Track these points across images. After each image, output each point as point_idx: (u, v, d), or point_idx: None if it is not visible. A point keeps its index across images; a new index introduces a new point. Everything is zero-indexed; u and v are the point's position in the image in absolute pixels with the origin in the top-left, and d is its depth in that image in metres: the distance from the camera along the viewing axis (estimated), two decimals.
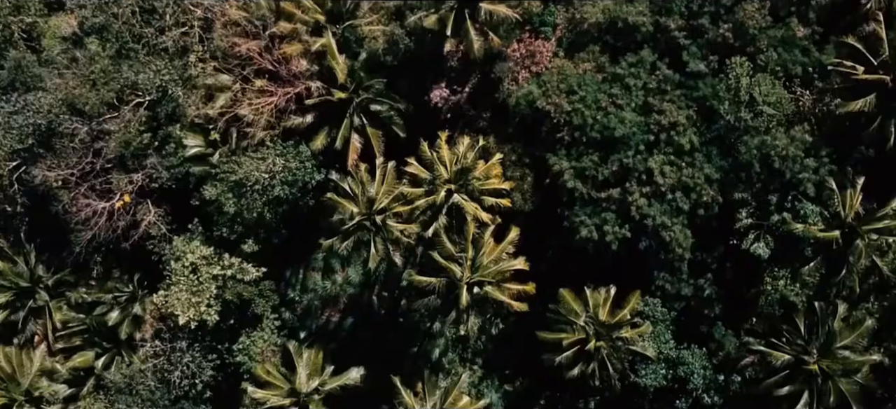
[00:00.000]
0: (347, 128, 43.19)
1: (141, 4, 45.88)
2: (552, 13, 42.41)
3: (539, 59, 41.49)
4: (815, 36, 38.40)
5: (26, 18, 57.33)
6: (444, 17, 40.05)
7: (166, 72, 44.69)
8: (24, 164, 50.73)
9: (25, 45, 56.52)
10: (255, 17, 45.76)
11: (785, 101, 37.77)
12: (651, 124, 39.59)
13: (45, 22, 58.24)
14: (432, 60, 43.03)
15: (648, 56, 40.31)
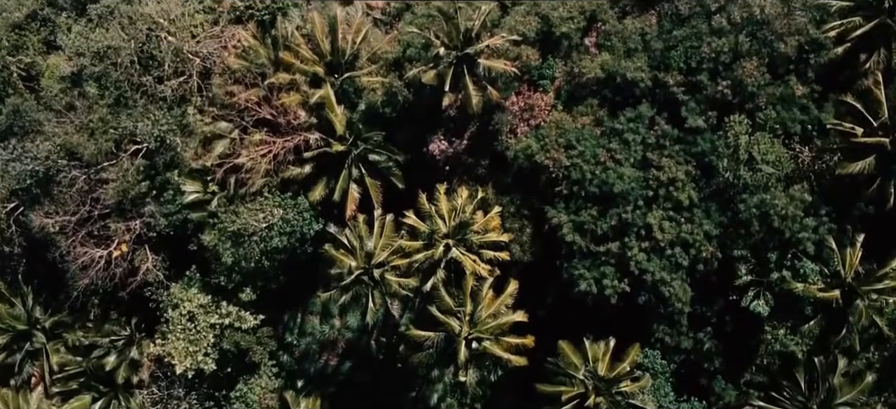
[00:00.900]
0: (346, 179, 43.12)
1: (140, 54, 45.89)
2: (550, 66, 42.36)
3: (537, 113, 41.43)
4: (813, 94, 38.35)
5: (25, 58, 57.40)
6: (443, 72, 40.03)
7: (165, 122, 44.66)
8: (21, 205, 50.80)
9: (24, 86, 56.64)
10: (254, 65, 45.82)
11: (784, 159, 37.69)
12: (650, 180, 39.50)
13: (43, 60, 58.31)
14: (431, 111, 42.95)
15: (647, 111, 40.24)
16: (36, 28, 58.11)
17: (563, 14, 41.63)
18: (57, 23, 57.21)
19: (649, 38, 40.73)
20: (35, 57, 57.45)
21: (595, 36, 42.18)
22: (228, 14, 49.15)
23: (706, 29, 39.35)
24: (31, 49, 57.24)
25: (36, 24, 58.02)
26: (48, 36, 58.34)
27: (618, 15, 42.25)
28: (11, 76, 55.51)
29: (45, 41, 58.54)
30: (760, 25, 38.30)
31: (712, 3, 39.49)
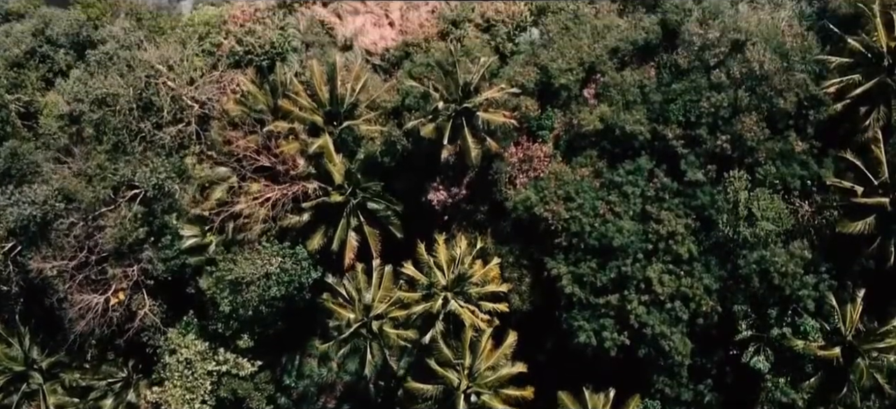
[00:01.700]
0: (344, 229, 42.99)
1: (139, 100, 45.82)
2: (549, 117, 42.28)
3: (537, 164, 41.29)
4: (813, 150, 38.21)
5: (24, 96, 57.33)
6: (441, 126, 39.92)
7: (163, 169, 44.52)
8: (19, 245, 50.61)
9: (23, 124, 56.54)
10: (253, 111, 45.75)
11: (784, 215, 37.53)
12: (649, 233, 39.32)
13: (42, 96, 58.23)
14: (429, 160, 42.79)
15: (646, 164, 40.11)
16: (35, 65, 58.20)
17: (562, 65, 41.53)
18: (55, 59, 57.31)
19: (648, 90, 40.65)
20: (33, 94, 57.50)
21: (594, 87, 42.08)
22: (228, 58, 49.18)
23: (705, 83, 39.25)
24: (29, 87, 57.27)
25: (35, 61, 58.13)
26: (47, 73, 58.55)
27: (616, 66, 42.17)
28: (10, 115, 55.46)
29: (43, 78, 58.67)
30: (759, 81, 38.18)
31: (711, 57, 39.35)
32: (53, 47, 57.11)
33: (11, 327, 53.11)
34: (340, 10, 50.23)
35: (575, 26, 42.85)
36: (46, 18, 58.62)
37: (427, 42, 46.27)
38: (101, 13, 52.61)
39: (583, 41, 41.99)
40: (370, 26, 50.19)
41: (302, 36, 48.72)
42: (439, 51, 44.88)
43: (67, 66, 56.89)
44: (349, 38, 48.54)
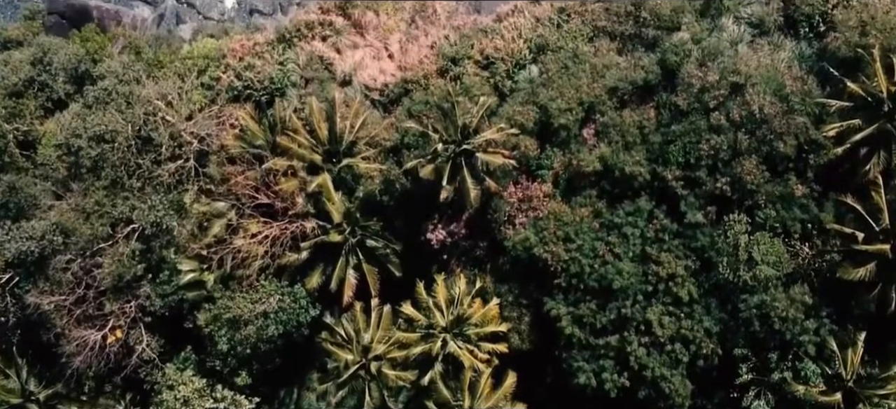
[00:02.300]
0: (343, 268, 42.80)
1: (137, 136, 45.70)
2: (549, 157, 42.12)
3: (536, 204, 41.11)
4: (813, 194, 38.04)
5: (22, 126, 57.22)
6: (440, 167, 39.77)
7: (161, 207, 44.39)
8: (16, 276, 50.43)
9: (21, 153, 56.42)
10: (251, 147, 45.64)
11: (784, 260, 37.36)
12: (649, 274, 39.15)
13: (41, 124, 58.11)
14: (428, 198, 42.61)
15: (646, 205, 39.94)
16: (33, 93, 58.13)
17: (561, 105, 41.40)
18: (54, 87, 57.22)
19: (647, 131, 40.53)
20: (32, 123, 57.40)
21: (593, 127, 41.95)
22: (226, 93, 49.10)
23: (704, 125, 39.12)
24: (27, 116, 57.17)
25: (33, 89, 58.06)
26: (45, 101, 58.47)
27: (616, 105, 42.02)
28: (8, 145, 55.35)
29: (42, 106, 58.58)
30: (759, 124, 38.04)
31: (710, 99, 39.22)
32: (52, 76, 57.14)
33: (9, 358, 52.88)
34: (339, 45, 50.16)
35: (574, 65, 42.74)
36: (45, 47, 58.63)
37: (426, 79, 46.16)
38: (99, 47, 52.53)
39: (582, 81, 41.87)
40: (369, 60, 50.11)
41: (301, 71, 48.62)
42: (438, 89, 44.77)
43: (66, 95, 56.92)
44: (348, 72, 48.42)
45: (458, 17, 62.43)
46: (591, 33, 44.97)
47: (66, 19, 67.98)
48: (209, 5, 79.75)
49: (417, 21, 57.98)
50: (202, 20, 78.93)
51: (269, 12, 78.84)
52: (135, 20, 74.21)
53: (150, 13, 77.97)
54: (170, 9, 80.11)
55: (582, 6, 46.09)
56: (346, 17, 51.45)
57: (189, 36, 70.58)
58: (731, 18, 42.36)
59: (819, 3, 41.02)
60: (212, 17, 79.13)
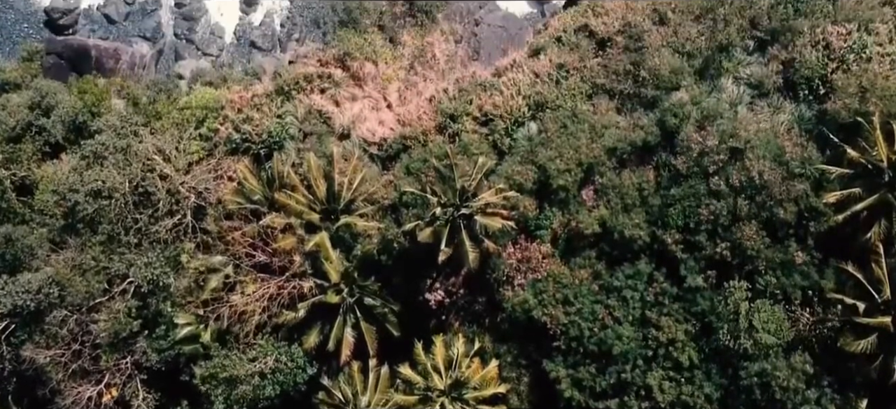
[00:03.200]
0: (340, 328, 42.44)
1: (134, 192, 45.45)
2: (548, 217, 41.89)
3: (535, 265, 40.86)
4: (814, 261, 37.81)
5: (19, 171, 57.03)
6: (439, 230, 39.52)
7: (158, 264, 44.12)
8: (13, 324, 50.10)
9: (18, 200, 56.20)
10: (249, 202, 45.43)
11: (785, 327, 37.06)
12: (649, 339, 38.88)
13: (38, 166, 57.89)
14: (427, 257, 42.35)
15: (645, 268, 39.69)
16: (31, 137, 57.97)
17: (560, 166, 41.17)
18: (51, 131, 57.06)
19: (647, 193, 40.32)
20: (30, 167, 57.21)
21: (592, 188, 41.75)
22: (224, 145, 48.95)
23: (704, 189, 38.91)
24: (25, 161, 56.98)
25: (31, 133, 57.92)
26: (43, 145, 58.32)
27: (615, 165, 41.82)
28: (5, 192, 55.14)
29: (39, 149, 58.41)
30: (759, 190, 37.86)
31: (710, 163, 39.01)
32: (51, 121, 57.00)
33: (4, 407, 52.72)
34: (338, 97, 50.04)
35: (573, 125, 42.56)
36: (43, 91, 58.56)
37: (425, 135, 46.00)
38: (97, 99, 52.37)
39: (581, 141, 41.69)
40: (368, 111, 49.97)
41: (299, 124, 48.47)
42: (437, 146, 44.59)
43: (64, 139, 56.74)
44: (346, 126, 48.27)
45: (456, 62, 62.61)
46: (589, 90, 44.82)
47: (64, 59, 67.89)
48: (208, 42, 79.79)
49: (416, 67, 57.98)
50: (201, 56, 79.01)
51: (268, 48, 78.90)
52: (133, 57, 74.16)
53: (149, 49, 77.99)
54: (169, 44, 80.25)
55: (581, 62, 45.96)
56: (345, 69, 51.35)
57: (188, 77, 70.61)
58: (730, 79, 42.22)
59: (818, 66, 40.87)
60: (211, 53, 79.19)
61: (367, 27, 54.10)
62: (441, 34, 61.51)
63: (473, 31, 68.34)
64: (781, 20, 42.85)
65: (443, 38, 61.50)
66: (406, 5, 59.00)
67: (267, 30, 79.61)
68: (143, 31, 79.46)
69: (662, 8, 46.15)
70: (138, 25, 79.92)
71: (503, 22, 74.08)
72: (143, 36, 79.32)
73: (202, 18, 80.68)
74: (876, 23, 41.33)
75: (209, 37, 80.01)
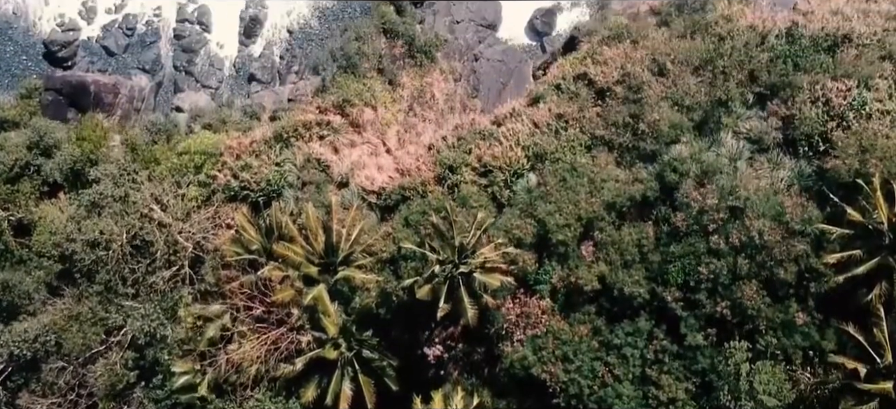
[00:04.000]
0: (338, 382, 42.10)
1: (132, 242, 45.31)
2: (547, 272, 41.66)
3: (534, 321, 40.61)
4: (814, 321, 37.59)
5: (17, 212, 56.89)
6: (437, 288, 39.32)
7: (155, 316, 43.93)
8: (10, 368, 49.92)
9: (15, 241, 56.04)
10: (247, 251, 45.23)
11: (786, 389, 36.77)
12: (649, 397, 38.59)
13: (36, 205, 57.70)
14: (426, 312, 42.14)
15: (645, 325, 39.42)
16: (29, 176, 57.87)
17: (560, 221, 40.97)
18: (48, 171, 56.92)
19: (646, 250, 40.10)
20: (28, 207, 57.05)
21: (592, 244, 41.55)
22: (223, 192, 48.79)
23: (704, 248, 38.70)
24: (23, 202, 56.83)
25: (29, 172, 57.83)
26: (41, 185, 58.18)
27: (614, 219, 41.63)
28: (3, 234, 55.00)
29: (37, 188, 58.26)
30: (759, 249, 37.67)
31: (709, 221, 38.83)
32: (49, 161, 56.90)
33: None
34: (337, 143, 49.94)
35: (572, 178, 42.41)
36: (41, 131, 58.52)
37: (424, 185, 45.83)
38: (95, 146, 52.24)
39: (580, 195, 41.53)
40: (367, 157, 49.86)
41: (298, 172, 48.32)
42: (436, 198, 44.43)
43: (63, 180, 56.61)
44: (345, 174, 48.11)
45: (455, 101, 62.61)
46: (589, 142, 44.72)
47: (63, 96, 67.69)
48: (207, 74, 79.70)
49: (415, 108, 58.00)
50: (200, 88, 78.89)
51: (268, 81, 78.72)
52: (132, 91, 73.97)
53: (148, 82, 77.85)
54: (168, 76, 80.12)
55: (580, 112, 45.87)
56: (344, 116, 51.26)
57: (187, 108, 70.59)
58: (729, 133, 42.09)
59: (818, 123, 40.76)
60: (210, 85, 79.05)
61: (366, 71, 54.08)
62: (440, 73, 61.64)
63: (473, 69, 68.14)
64: (781, 75, 42.79)
65: (442, 77, 61.62)
66: (405, 46, 59.08)
67: (266, 62, 79.49)
68: (142, 64, 79.35)
69: (661, 58, 46.08)
70: (137, 57, 79.82)
71: (503, 56, 73.86)
72: (142, 68, 79.17)
73: (201, 50, 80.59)
74: (875, 79, 41.20)
75: (208, 69, 79.89)
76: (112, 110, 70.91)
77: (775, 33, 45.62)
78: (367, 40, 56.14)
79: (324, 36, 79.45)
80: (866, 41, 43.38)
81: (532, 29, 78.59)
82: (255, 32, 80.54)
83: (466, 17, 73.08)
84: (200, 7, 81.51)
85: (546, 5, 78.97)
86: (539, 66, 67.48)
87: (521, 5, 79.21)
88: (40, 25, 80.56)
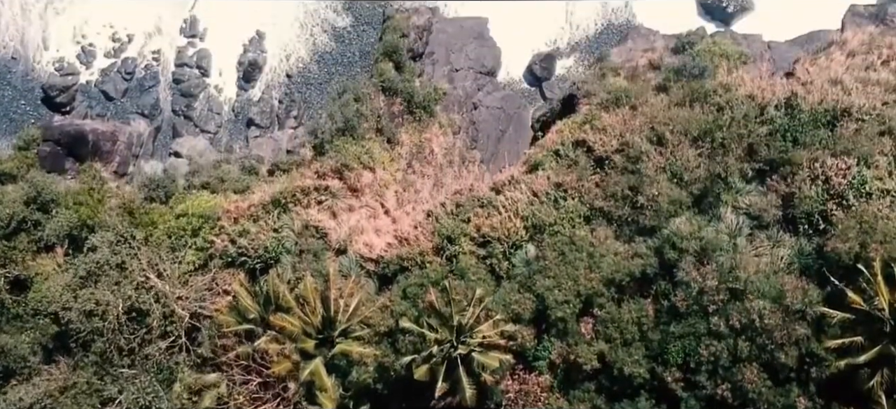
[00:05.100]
0: None
1: (128, 312, 45.02)
2: (546, 348, 41.41)
3: (533, 399, 40.34)
4: (816, 406, 37.23)
5: (13, 269, 56.51)
6: (436, 368, 38.98)
7: (151, 389, 43.58)
8: None
9: (12, 299, 55.64)
10: (244, 320, 44.91)
11: None
12: None
13: (33, 259, 57.30)
14: (424, 385, 41.75)
15: (645, 405, 39.05)
16: (27, 230, 57.50)
17: (559, 297, 40.76)
18: (45, 236, 56.50)
19: (646, 328, 39.88)
20: (25, 262, 56.64)
21: (592, 322, 41.29)
22: (220, 258, 48.50)
23: (704, 329, 38.46)
24: (19, 259, 56.44)
25: (26, 225, 57.47)
26: (38, 240, 57.81)
27: (614, 295, 41.40)
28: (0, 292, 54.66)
29: (34, 242, 57.88)
30: (760, 332, 37.42)
31: (709, 302, 38.60)
32: (47, 216, 56.57)
33: None
34: (335, 208, 49.70)
35: (571, 252, 42.16)
36: (39, 186, 58.16)
37: (422, 256, 45.54)
38: (93, 212, 51.95)
39: (579, 270, 41.29)
40: (365, 221, 49.58)
41: (296, 238, 48.06)
42: (434, 271, 44.14)
43: (61, 238, 56.23)
44: (343, 240, 47.84)
45: (454, 155, 62.42)
46: (588, 213, 44.50)
47: (61, 146, 67.41)
48: (206, 118, 79.48)
49: (414, 165, 57.82)
50: (199, 133, 78.72)
51: (266, 125, 78.48)
52: (131, 137, 73.74)
53: (147, 126, 77.62)
54: (166, 121, 79.92)
55: (578, 181, 45.65)
56: (342, 180, 51.04)
57: (185, 163, 70.36)
58: (729, 209, 41.88)
59: (818, 202, 40.55)
60: (209, 130, 78.83)
61: (364, 133, 53.94)
62: (439, 127, 61.52)
63: (472, 119, 68.00)
64: (780, 152, 42.63)
65: (440, 131, 61.50)
66: (404, 103, 58.95)
67: (265, 106, 79.29)
68: (140, 108, 79.12)
69: (660, 127, 45.93)
70: (136, 102, 79.59)
71: (502, 102, 73.77)
72: (141, 113, 78.91)
73: (201, 94, 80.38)
74: (875, 155, 41.04)
75: (207, 113, 79.67)
76: (110, 158, 70.80)
77: (774, 104, 45.49)
78: (366, 101, 56.02)
79: (323, 80, 79.38)
80: (866, 115, 43.25)
81: (531, 74, 78.50)
82: (253, 77, 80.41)
83: (466, 65, 72.96)
84: (199, 51, 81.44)
85: (545, 50, 78.98)
86: (538, 117, 67.33)
87: (519, 50, 79.29)
88: (39, 70, 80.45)
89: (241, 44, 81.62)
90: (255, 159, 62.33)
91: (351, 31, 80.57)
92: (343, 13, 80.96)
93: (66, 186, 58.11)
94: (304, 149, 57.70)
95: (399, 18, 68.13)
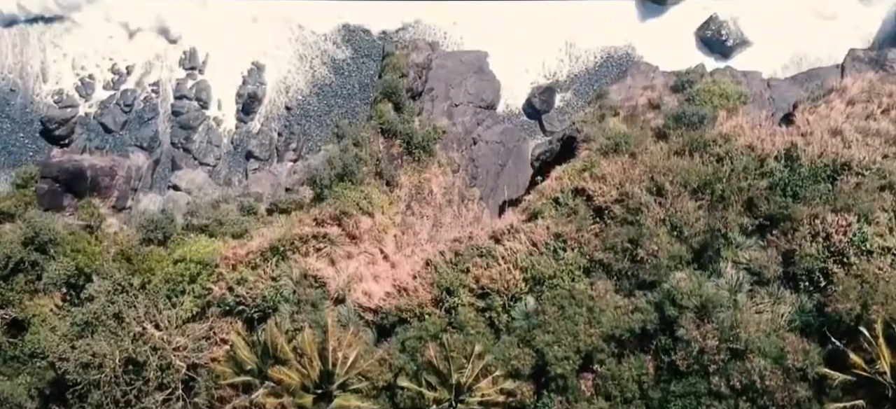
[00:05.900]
0: None
1: (125, 364, 44.80)
2: (545, 405, 41.12)
3: None
4: None
5: (11, 311, 56.31)
6: None
7: None
8: None
9: (8, 341, 55.43)
10: (242, 372, 44.69)
11: None
12: None
13: (30, 299, 57.05)
14: None
15: None
16: (25, 269, 57.31)
17: (559, 353, 40.56)
18: (44, 267, 56.35)
19: (646, 386, 39.68)
20: (22, 303, 56.42)
21: (591, 378, 41.08)
22: (218, 306, 48.31)
23: (704, 388, 38.26)
24: (16, 301, 56.22)
25: (24, 266, 57.27)
26: (35, 280, 57.59)
27: (614, 349, 41.19)
28: None
29: (30, 281, 57.66)
30: (761, 393, 37.21)
31: (710, 362, 38.39)
32: (45, 257, 56.37)
33: None
34: (334, 255, 49.52)
35: (570, 307, 41.95)
36: (37, 227, 57.92)
37: (421, 308, 45.30)
38: (90, 261, 51.76)
39: (579, 325, 41.09)
40: (364, 268, 49.39)
41: (294, 286, 47.87)
42: (433, 323, 43.91)
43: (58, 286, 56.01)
44: (342, 288, 47.62)
45: (454, 194, 62.25)
46: (587, 265, 44.30)
47: (59, 183, 67.13)
48: (205, 151, 79.56)
49: (413, 206, 57.66)
50: (198, 165, 78.69)
51: (265, 158, 78.56)
52: (129, 171, 73.58)
53: (146, 159, 77.62)
54: (165, 153, 79.93)
55: (578, 232, 45.46)
56: (341, 227, 50.88)
57: (184, 197, 70.22)
58: (729, 264, 41.71)
59: (818, 260, 40.33)
60: (208, 162, 78.91)
61: (363, 177, 53.81)
62: (438, 166, 61.38)
63: (471, 157, 67.92)
64: (780, 207, 42.46)
65: (440, 170, 61.37)
66: (403, 144, 58.84)
67: (264, 138, 79.35)
68: (139, 141, 79.20)
69: (659, 178, 45.77)
70: (135, 134, 79.68)
71: (501, 137, 73.74)
72: (140, 145, 78.99)
73: (200, 126, 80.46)
74: (876, 212, 40.86)
75: (206, 146, 79.70)
76: (109, 193, 70.61)
77: (774, 155, 45.37)
78: (365, 145, 55.90)
79: (322, 113, 79.54)
80: (866, 169, 43.12)
81: (530, 106, 78.60)
82: (253, 109, 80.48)
83: (465, 100, 72.91)
84: (199, 83, 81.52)
85: (544, 83, 79.04)
86: (538, 155, 67.16)
87: (519, 83, 79.39)
88: (38, 102, 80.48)
89: (240, 75, 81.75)
90: (253, 197, 62.07)
91: (350, 63, 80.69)
92: (342, 45, 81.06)
93: (65, 224, 57.81)
94: (303, 188, 57.45)
95: (398, 56, 68.07)
